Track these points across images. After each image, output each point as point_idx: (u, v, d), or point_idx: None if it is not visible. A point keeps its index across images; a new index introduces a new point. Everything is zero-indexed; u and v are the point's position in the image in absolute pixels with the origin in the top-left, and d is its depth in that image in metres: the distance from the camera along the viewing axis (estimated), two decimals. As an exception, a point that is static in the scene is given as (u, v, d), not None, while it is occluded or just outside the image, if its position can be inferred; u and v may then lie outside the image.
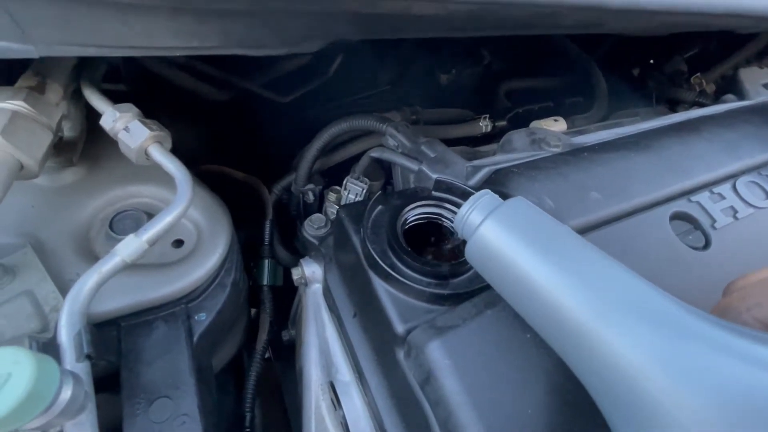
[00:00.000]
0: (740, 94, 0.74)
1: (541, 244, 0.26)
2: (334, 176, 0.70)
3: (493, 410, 0.28)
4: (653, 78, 0.99)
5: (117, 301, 0.40)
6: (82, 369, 0.30)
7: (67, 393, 0.25)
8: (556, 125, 0.79)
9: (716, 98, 0.83)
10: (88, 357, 0.31)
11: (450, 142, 0.81)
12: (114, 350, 0.40)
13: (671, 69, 0.98)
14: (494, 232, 0.28)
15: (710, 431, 0.17)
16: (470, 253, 0.30)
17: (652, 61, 1.04)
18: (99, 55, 0.30)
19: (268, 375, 0.80)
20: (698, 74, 0.94)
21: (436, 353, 0.30)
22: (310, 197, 0.69)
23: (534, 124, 0.77)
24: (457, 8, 0.24)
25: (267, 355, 0.79)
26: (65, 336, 0.30)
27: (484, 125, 0.85)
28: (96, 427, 0.29)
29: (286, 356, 0.73)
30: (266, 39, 0.29)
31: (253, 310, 0.70)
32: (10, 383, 0.21)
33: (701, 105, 0.82)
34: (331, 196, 0.65)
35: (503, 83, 1.09)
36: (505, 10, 0.26)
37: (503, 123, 0.89)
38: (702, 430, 0.18)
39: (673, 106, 0.90)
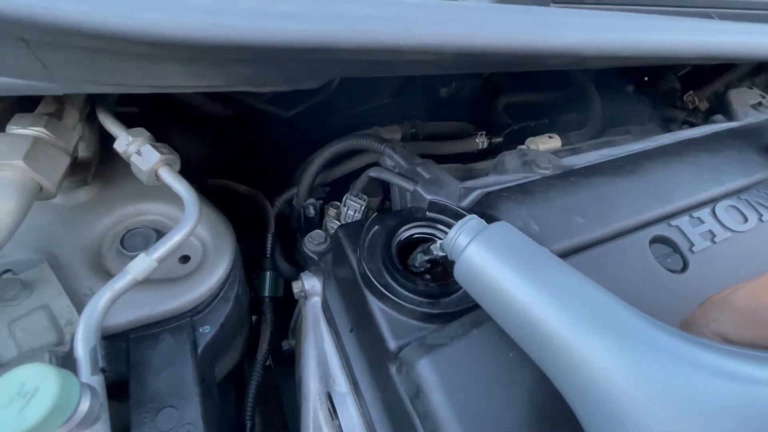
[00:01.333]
0: (729, 115, 0.77)
1: (521, 265, 0.28)
2: (337, 188, 0.72)
3: (476, 425, 0.30)
4: (647, 95, 1.02)
5: (127, 315, 0.43)
6: (97, 381, 0.32)
7: (85, 405, 0.27)
8: (551, 142, 0.81)
9: (707, 116, 0.86)
10: (102, 370, 0.33)
11: (447, 158, 0.83)
12: (123, 361, 0.43)
13: (665, 87, 1.01)
14: (478, 253, 0.30)
15: (657, 425, 0.19)
16: (458, 273, 0.33)
17: (646, 79, 1.07)
18: (116, 92, 0.33)
19: (269, 384, 0.82)
20: (691, 92, 0.97)
21: (425, 370, 0.32)
22: (311, 211, 0.71)
23: (529, 140, 0.79)
24: (443, 56, 0.27)
25: (267, 363, 0.81)
26: (81, 351, 0.33)
27: (481, 142, 0.88)
28: (109, 435, 0.31)
29: (286, 365, 0.75)
30: (270, 79, 0.32)
31: (254, 317, 0.72)
32: (37, 397, 0.24)
33: (692, 123, 0.84)
34: (331, 212, 0.68)
35: (502, 97, 1.11)
36: (488, 57, 0.28)
37: (499, 139, 0.92)
38: (650, 421, 0.20)
39: (666, 123, 0.92)
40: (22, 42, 0.27)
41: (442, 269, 0.47)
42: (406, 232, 0.45)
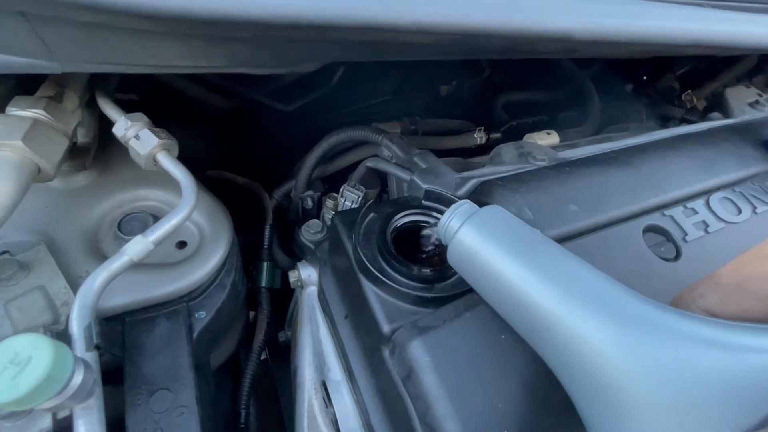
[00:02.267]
0: (726, 112, 0.77)
1: (512, 245, 0.29)
2: (336, 183, 0.73)
3: (467, 404, 0.30)
4: (646, 94, 1.03)
5: (123, 298, 0.43)
6: (91, 358, 0.32)
7: (78, 378, 0.27)
8: (549, 138, 0.81)
9: (704, 115, 0.86)
10: (97, 347, 0.33)
11: (446, 153, 0.83)
12: (118, 344, 0.43)
13: (663, 86, 1.01)
14: (470, 235, 0.30)
15: (648, 396, 0.20)
16: (451, 256, 0.33)
17: (645, 78, 1.07)
18: (115, 71, 0.33)
19: (265, 376, 0.82)
20: (689, 91, 0.97)
21: (417, 351, 0.33)
22: (309, 203, 0.72)
23: (527, 136, 0.80)
24: (439, 38, 0.27)
25: (264, 357, 0.81)
26: (76, 328, 0.33)
27: (479, 137, 0.88)
28: (102, 411, 0.31)
29: (283, 358, 0.75)
30: (268, 60, 0.32)
31: (251, 314, 0.72)
32: (30, 366, 0.24)
33: (689, 122, 0.84)
34: (329, 203, 0.68)
35: (501, 95, 1.12)
36: (483, 40, 0.29)
37: (498, 135, 0.92)
38: (641, 392, 0.20)
39: (664, 121, 0.92)
40: (21, 17, 0.27)
41: (438, 257, 0.47)
42: (401, 219, 0.45)
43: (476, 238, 0.30)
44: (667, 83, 1.01)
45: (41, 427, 0.31)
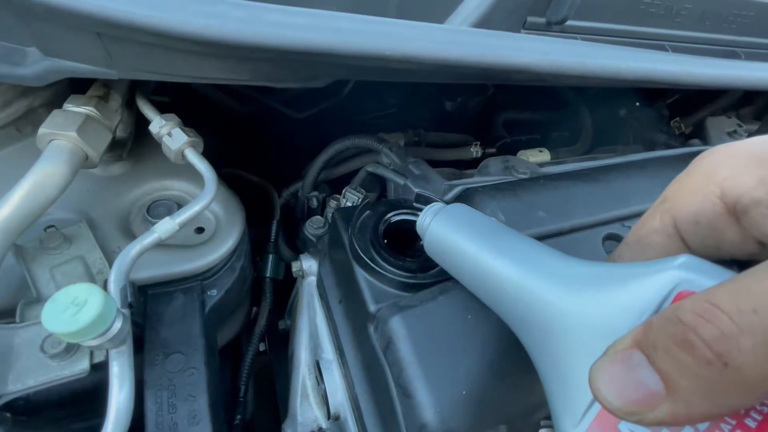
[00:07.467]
0: (705, 140, 0.83)
1: (470, 230, 0.35)
2: (341, 185, 0.79)
3: (434, 369, 0.36)
4: (637, 119, 1.09)
5: (147, 272, 0.50)
6: (126, 313, 0.39)
7: (118, 324, 0.34)
8: (541, 156, 0.88)
9: (686, 141, 0.92)
10: (130, 305, 0.40)
11: (444, 164, 0.90)
12: (140, 312, 0.50)
13: (654, 112, 1.07)
14: (439, 227, 0.37)
15: (578, 323, 0.25)
16: (427, 247, 0.39)
17: (638, 104, 1.13)
18: (160, 80, 0.40)
19: (263, 368, 0.88)
20: (677, 118, 1.03)
21: (396, 324, 0.38)
22: (314, 203, 0.78)
23: (521, 153, 0.86)
24: (423, 66, 0.34)
25: (263, 348, 0.86)
26: (113, 288, 0.39)
27: (475, 151, 0.94)
28: (132, 357, 0.38)
29: (280, 347, 0.81)
30: (286, 76, 0.39)
31: (254, 309, 0.78)
32: (86, 306, 0.30)
33: (672, 147, 0.90)
34: (332, 203, 0.75)
35: (502, 113, 1.18)
36: (462, 69, 0.35)
37: (493, 150, 0.99)
38: (573, 322, 0.26)
39: (650, 145, 0.98)
40: (95, 35, 0.34)
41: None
42: (393, 217, 0.51)
43: (443, 229, 0.37)
44: (658, 110, 1.07)
45: (81, 368, 0.37)
